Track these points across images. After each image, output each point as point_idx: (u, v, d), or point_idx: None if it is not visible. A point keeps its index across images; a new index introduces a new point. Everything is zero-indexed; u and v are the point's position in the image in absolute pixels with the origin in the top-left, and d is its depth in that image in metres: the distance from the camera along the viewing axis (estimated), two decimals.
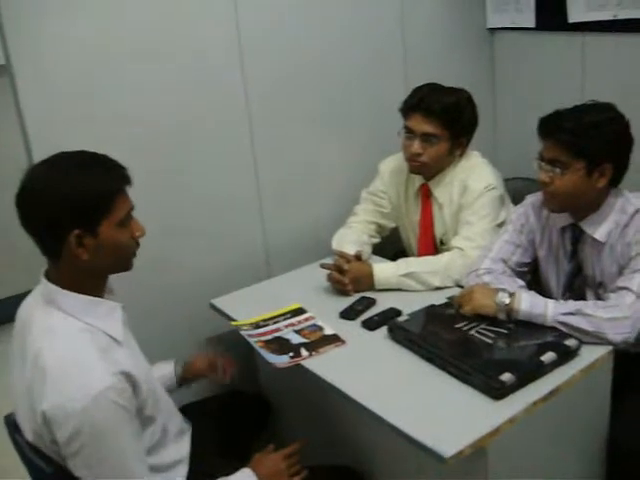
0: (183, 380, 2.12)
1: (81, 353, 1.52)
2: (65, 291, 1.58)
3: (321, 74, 2.77)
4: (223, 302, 2.42)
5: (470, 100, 2.50)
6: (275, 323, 2.23)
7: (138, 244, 1.67)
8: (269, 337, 2.16)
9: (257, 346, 2.12)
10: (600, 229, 2.05)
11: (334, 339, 2.11)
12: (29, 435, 1.60)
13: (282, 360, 2.04)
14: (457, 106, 2.44)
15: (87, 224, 1.53)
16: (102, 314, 1.61)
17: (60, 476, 1.56)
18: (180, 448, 1.85)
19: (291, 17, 2.64)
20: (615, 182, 2.04)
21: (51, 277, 1.60)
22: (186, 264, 2.52)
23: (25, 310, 1.68)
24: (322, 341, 2.11)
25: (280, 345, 2.11)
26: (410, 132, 2.46)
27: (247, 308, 2.32)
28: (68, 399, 1.45)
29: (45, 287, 1.60)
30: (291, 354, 2.05)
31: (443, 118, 2.40)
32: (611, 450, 2.01)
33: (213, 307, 2.42)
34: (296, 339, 2.13)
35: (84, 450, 1.47)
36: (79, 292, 1.59)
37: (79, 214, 1.51)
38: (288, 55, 2.66)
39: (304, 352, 2.05)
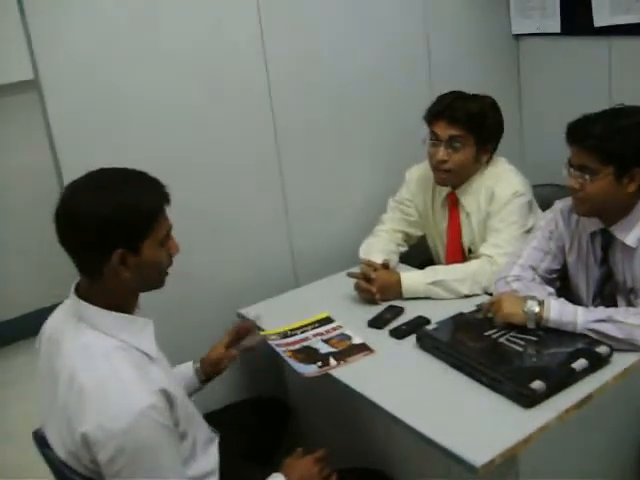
0: (205, 376, 2.08)
1: (119, 372, 1.49)
2: (99, 309, 1.56)
3: (346, 85, 2.77)
4: (251, 312, 2.41)
5: (495, 106, 2.49)
6: (303, 332, 2.23)
7: (172, 262, 1.66)
8: (297, 346, 2.16)
9: (285, 356, 2.12)
10: (631, 234, 2.02)
11: (363, 348, 2.10)
12: (62, 454, 1.58)
13: (311, 369, 2.04)
14: (482, 112, 2.44)
15: (131, 244, 1.52)
16: (135, 331, 1.60)
17: None
18: (209, 458, 1.83)
19: (318, 38, 2.66)
20: None
21: (82, 293, 1.59)
22: (215, 276, 2.53)
23: (52, 326, 1.66)
24: (350, 350, 2.10)
25: (308, 354, 2.11)
26: (435, 139, 2.45)
27: (275, 318, 2.32)
28: (110, 419, 1.44)
29: (77, 304, 1.58)
30: (319, 363, 2.05)
31: (468, 124, 2.40)
32: None
33: (241, 317, 2.42)
34: (324, 348, 2.13)
35: (126, 469, 1.45)
36: (112, 309, 1.58)
37: (124, 234, 1.51)
38: (315, 69, 2.67)
39: (333, 361, 2.05)
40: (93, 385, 1.47)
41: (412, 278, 2.38)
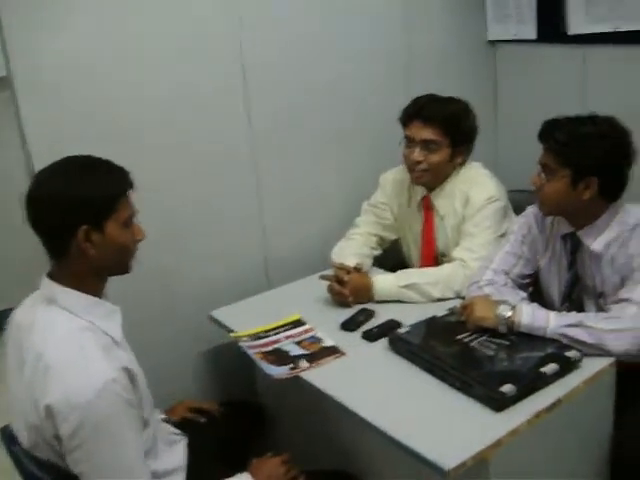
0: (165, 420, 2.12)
1: (84, 348, 1.54)
2: (68, 289, 1.62)
3: (325, 92, 2.78)
4: (222, 313, 2.42)
5: (469, 109, 2.51)
6: (275, 334, 2.22)
7: (137, 248, 1.72)
8: (268, 349, 2.15)
9: (256, 358, 2.11)
10: (597, 240, 2.05)
11: (334, 351, 2.09)
12: (26, 440, 1.61)
13: (281, 372, 2.03)
14: (456, 114, 2.46)
15: (94, 221, 1.59)
16: (102, 315, 1.65)
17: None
18: (174, 457, 1.86)
19: (296, 39, 2.66)
20: (612, 197, 2.03)
21: (54, 277, 1.64)
22: (186, 275, 2.52)
23: (21, 315, 1.70)
24: (322, 352, 2.09)
25: (279, 357, 2.10)
26: (410, 140, 2.46)
27: (246, 319, 2.31)
28: (73, 392, 1.47)
29: (47, 287, 1.64)
30: (290, 365, 2.04)
31: (442, 125, 2.41)
32: (615, 463, 1.99)
33: (212, 319, 2.41)
34: (296, 350, 2.12)
35: (87, 443, 1.49)
36: (81, 292, 1.63)
37: (87, 211, 1.58)
38: (291, 73, 2.67)
39: (303, 364, 2.04)
40: (58, 360, 1.52)
41: (385, 281, 2.38)
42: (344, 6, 2.78)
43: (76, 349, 1.54)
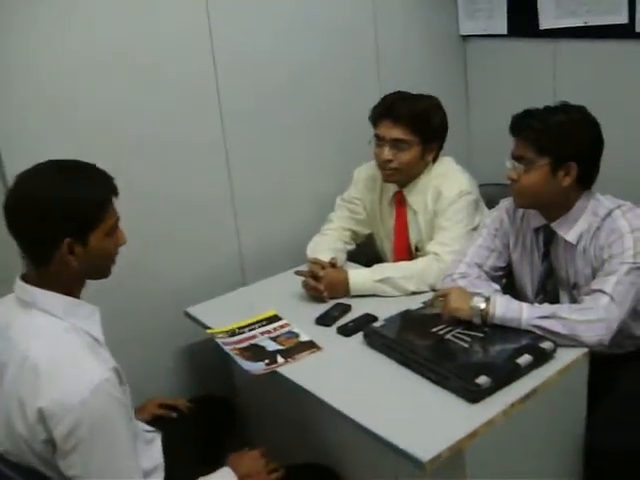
0: None
1: (72, 350, 1.55)
2: (47, 291, 1.60)
3: (295, 86, 2.80)
4: (198, 310, 2.42)
5: (439, 106, 2.53)
6: (251, 330, 2.23)
7: (118, 252, 1.71)
8: (245, 344, 2.16)
9: (233, 354, 2.12)
10: (571, 231, 2.09)
11: (310, 345, 2.11)
12: (4, 443, 1.59)
13: (258, 367, 2.04)
14: (425, 111, 2.47)
15: (79, 233, 1.57)
16: (83, 315, 1.64)
17: None
18: (152, 455, 1.86)
19: (266, 32, 2.67)
20: (586, 184, 2.08)
21: (29, 281, 1.62)
22: (161, 272, 2.52)
23: None
24: (298, 348, 2.11)
25: (255, 352, 2.11)
26: (380, 139, 2.48)
27: (222, 316, 2.32)
28: (66, 393, 1.47)
29: (23, 290, 1.62)
30: (267, 361, 2.05)
31: (412, 123, 2.43)
32: (588, 452, 2.03)
33: (188, 315, 2.42)
34: (272, 346, 2.13)
35: (81, 445, 1.48)
36: (60, 293, 1.62)
37: (72, 224, 1.56)
38: (263, 65, 2.68)
39: (280, 359, 2.06)
40: (48, 362, 1.51)
41: (359, 276, 2.40)
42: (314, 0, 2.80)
43: (64, 351, 1.54)
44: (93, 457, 1.51)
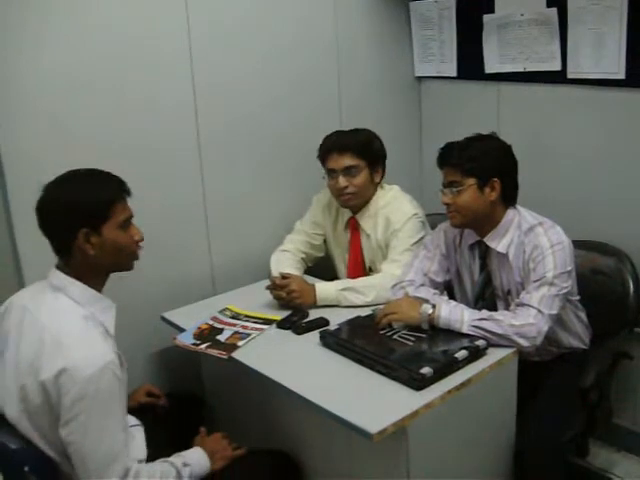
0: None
1: (87, 331, 1.79)
2: (75, 281, 1.86)
3: (264, 121, 2.97)
4: (174, 315, 2.60)
5: (375, 135, 2.80)
6: (247, 321, 2.48)
7: (139, 247, 1.96)
8: (221, 326, 2.46)
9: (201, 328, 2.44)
10: (501, 243, 2.33)
11: (226, 347, 2.31)
12: (13, 409, 1.80)
13: (185, 341, 2.37)
14: (367, 138, 2.76)
15: (93, 224, 1.82)
16: (101, 308, 1.88)
17: (25, 453, 1.78)
18: (136, 450, 1.97)
19: (241, 64, 2.86)
20: (510, 200, 2.33)
21: (61, 270, 1.87)
22: (138, 280, 2.51)
23: (23, 297, 1.93)
24: (219, 346, 2.33)
25: (210, 334, 2.40)
26: (332, 172, 2.73)
27: (197, 320, 2.51)
28: (77, 367, 1.69)
29: (56, 277, 1.87)
30: (199, 342, 2.35)
31: (357, 150, 2.69)
32: (517, 449, 2.26)
33: (165, 320, 2.59)
34: (224, 337, 2.38)
35: (82, 415, 1.70)
36: (86, 285, 1.86)
37: (86, 216, 1.82)
38: (238, 102, 2.87)
39: (202, 346, 2.33)
40: (67, 335, 1.75)
41: (326, 285, 2.62)
42: (279, 30, 2.96)
43: (81, 330, 1.78)
44: (90, 427, 1.72)
